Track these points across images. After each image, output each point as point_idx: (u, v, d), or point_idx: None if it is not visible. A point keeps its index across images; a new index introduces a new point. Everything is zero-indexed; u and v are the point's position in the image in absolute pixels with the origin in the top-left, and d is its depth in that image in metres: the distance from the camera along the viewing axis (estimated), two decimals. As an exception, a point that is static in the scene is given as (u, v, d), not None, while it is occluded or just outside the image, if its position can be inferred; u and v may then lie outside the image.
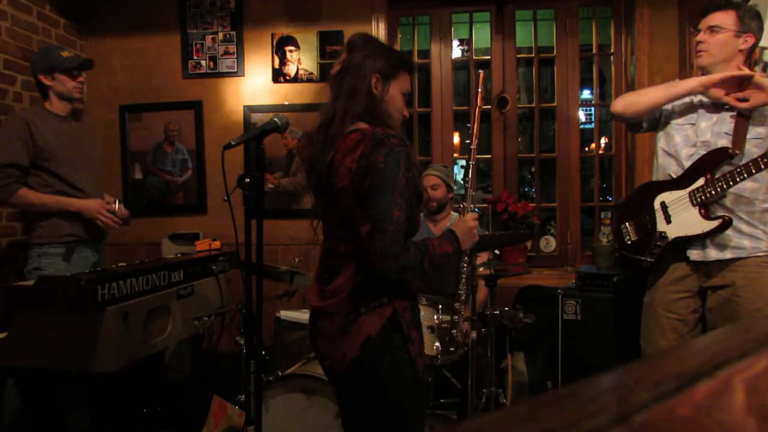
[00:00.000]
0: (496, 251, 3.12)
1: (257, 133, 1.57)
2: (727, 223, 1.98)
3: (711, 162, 2.01)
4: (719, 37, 2.01)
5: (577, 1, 3.55)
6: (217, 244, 2.83)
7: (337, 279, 1.44)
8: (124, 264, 2.26)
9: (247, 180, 1.50)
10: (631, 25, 3.38)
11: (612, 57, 3.61)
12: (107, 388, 2.47)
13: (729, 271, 2.04)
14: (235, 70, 3.52)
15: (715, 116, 2.06)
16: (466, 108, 3.69)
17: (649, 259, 2.14)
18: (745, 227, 2.02)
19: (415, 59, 3.71)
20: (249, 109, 3.51)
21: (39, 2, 3.21)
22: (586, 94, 4.92)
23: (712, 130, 2.05)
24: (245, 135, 1.58)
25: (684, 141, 2.11)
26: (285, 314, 2.64)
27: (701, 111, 2.09)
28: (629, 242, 2.21)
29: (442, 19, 3.64)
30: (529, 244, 3.57)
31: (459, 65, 3.88)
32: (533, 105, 3.72)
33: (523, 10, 3.63)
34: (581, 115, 4.06)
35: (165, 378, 2.89)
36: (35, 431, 2.21)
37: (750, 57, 2.08)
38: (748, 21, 1.99)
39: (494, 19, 3.60)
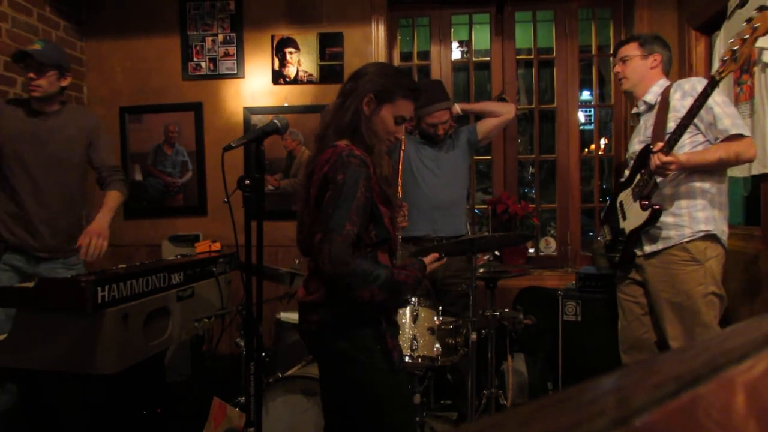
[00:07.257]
0: (497, 252, 3.12)
1: (257, 134, 1.57)
2: (657, 212, 2.10)
3: (642, 157, 2.17)
4: (630, 64, 2.32)
5: (577, 3, 3.55)
6: (217, 246, 2.84)
7: (318, 277, 1.54)
8: (124, 266, 2.26)
9: (247, 182, 1.50)
10: (631, 27, 3.38)
11: (611, 58, 3.61)
12: (107, 390, 2.46)
13: (648, 265, 2.21)
14: (235, 72, 3.52)
15: (650, 117, 2.25)
16: (465, 109, 3.69)
17: (616, 256, 2.33)
18: (670, 218, 2.13)
19: (415, 60, 3.72)
20: (249, 111, 3.52)
21: (39, 4, 3.21)
22: (585, 95, 4.92)
23: (649, 128, 2.27)
24: (245, 137, 1.58)
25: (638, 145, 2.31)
26: (285, 316, 2.64)
27: (644, 115, 2.33)
28: (606, 243, 2.43)
29: (442, 21, 3.64)
30: (529, 246, 3.57)
31: (459, 67, 3.88)
32: (533, 106, 3.72)
33: (522, 12, 3.63)
34: (581, 117, 4.06)
35: (165, 380, 2.89)
36: (35, 433, 2.20)
37: (668, 68, 2.33)
38: (650, 44, 2.30)
39: (494, 20, 3.60)
